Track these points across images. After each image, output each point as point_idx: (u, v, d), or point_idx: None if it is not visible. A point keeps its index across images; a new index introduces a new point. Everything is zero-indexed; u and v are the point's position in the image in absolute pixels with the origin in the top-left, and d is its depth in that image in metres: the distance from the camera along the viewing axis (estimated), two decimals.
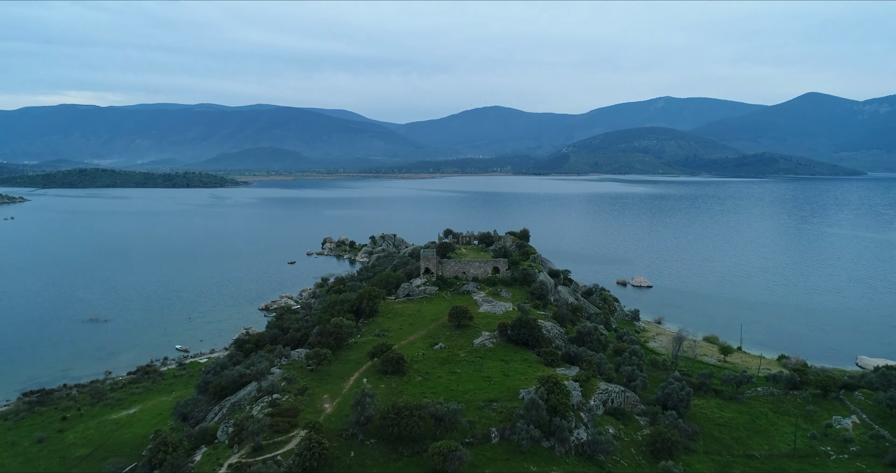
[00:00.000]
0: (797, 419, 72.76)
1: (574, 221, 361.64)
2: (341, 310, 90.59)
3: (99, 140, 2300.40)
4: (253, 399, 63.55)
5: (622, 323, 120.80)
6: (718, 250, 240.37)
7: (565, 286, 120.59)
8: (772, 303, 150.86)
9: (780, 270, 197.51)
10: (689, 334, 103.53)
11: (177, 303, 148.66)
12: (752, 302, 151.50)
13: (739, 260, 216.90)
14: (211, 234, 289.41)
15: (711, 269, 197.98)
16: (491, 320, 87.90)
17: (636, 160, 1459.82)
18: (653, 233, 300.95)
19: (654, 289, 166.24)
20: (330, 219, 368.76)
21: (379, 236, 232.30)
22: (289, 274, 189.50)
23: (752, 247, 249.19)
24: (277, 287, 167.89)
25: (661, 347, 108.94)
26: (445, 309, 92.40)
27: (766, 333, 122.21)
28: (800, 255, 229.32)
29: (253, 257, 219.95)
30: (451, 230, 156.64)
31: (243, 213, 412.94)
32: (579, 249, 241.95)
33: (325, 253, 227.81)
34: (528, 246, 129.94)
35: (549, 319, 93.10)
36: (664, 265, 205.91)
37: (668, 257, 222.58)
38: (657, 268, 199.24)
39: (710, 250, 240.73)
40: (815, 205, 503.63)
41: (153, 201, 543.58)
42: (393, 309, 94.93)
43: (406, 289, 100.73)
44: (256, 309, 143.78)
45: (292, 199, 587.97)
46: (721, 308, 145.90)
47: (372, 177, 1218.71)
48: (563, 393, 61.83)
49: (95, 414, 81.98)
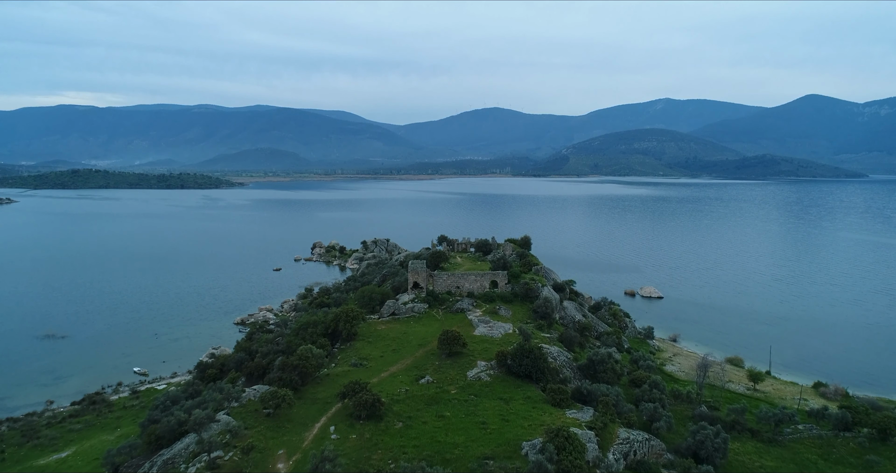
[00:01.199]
0: (857, 471, 60.57)
1: (576, 225, 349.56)
2: (314, 334, 78.28)
3: (97, 141, 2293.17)
4: (190, 455, 51.18)
5: (635, 341, 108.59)
6: (728, 256, 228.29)
7: (571, 300, 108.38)
8: (792, 318, 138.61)
9: (795, 279, 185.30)
10: (714, 359, 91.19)
11: (146, 316, 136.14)
12: (771, 316, 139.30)
13: (751, 267, 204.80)
14: (197, 238, 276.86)
15: (723, 278, 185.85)
16: (488, 345, 75.70)
17: (636, 162, 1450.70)
18: (658, 237, 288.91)
19: (665, 301, 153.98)
20: (323, 222, 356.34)
21: (371, 241, 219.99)
22: (272, 282, 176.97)
23: (764, 254, 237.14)
24: (258, 297, 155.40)
25: (681, 371, 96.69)
26: (436, 331, 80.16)
27: (794, 354, 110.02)
28: (814, 262, 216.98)
29: (237, 263, 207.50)
30: (446, 236, 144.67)
31: (234, 216, 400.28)
32: (583, 255, 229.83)
33: (315, 259, 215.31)
34: (530, 256, 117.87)
35: (554, 342, 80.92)
36: (673, 273, 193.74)
37: (676, 264, 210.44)
38: (666, 277, 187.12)
39: (720, 256, 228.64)
40: (822, 208, 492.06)
41: (144, 203, 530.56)
42: (375, 332, 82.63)
43: (391, 307, 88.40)
44: (231, 324, 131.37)
45: (286, 201, 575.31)
46: (740, 322, 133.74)
47: (370, 179, 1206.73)
48: (576, 448, 49.53)
49: (21, 459, 69.44)
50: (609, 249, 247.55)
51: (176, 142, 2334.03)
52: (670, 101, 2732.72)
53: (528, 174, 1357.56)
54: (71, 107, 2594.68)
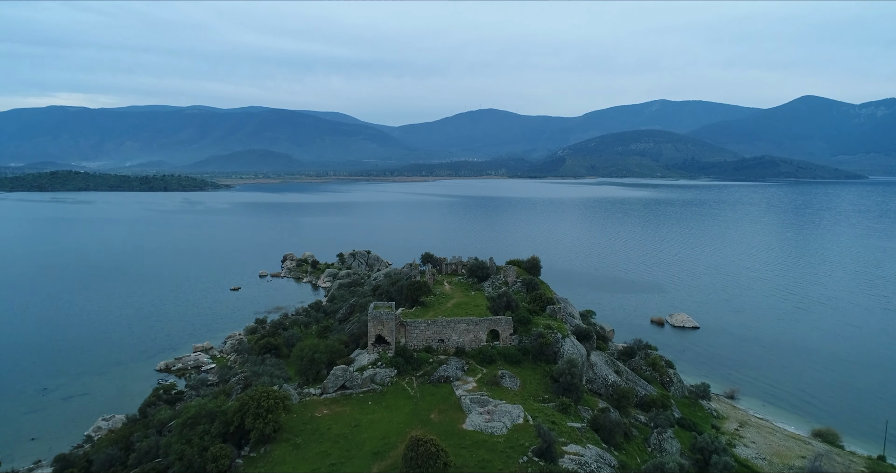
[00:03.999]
0: None
1: (578, 230, 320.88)
2: (208, 435, 48.85)
3: (88, 142, 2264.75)
4: None
5: (685, 405, 79.72)
6: (757, 271, 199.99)
7: (600, 350, 79.41)
8: (866, 363, 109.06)
9: (845, 303, 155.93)
10: (831, 455, 62.10)
11: (44, 358, 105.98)
12: (834, 358, 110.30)
13: (788, 285, 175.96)
14: (154, 248, 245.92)
15: (760, 300, 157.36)
16: (486, 455, 46.68)
17: (633, 163, 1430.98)
18: (672, 245, 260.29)
19: (701, 332, 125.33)
20: (302, 228, 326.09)
21: (349, 254, 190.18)
22: (225, 307, 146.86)
23: (796, 268, 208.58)
24: (200, 329, 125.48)
25: (761, 458, 67.73)
26: (405, 423, 51.43)
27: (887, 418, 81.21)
28: (863, 281, 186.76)
29: (190, 280, 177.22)
30: (432, 255, 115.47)
31: (208, 221, 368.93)
32: (591, 267, 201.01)
33: (283, 275, 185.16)
34: (541, 286, 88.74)
35: (588, 440, 51.99)
36: (700, 291, 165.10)
37: (700, 280, 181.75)
38: (693, 296, 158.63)
39: (746, 269, 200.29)
40: (835, 211, 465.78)
41: (118, 206, 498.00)
42: (310, 424, 53.22)
43: (341, 378, 58.78)
44: (153, 370, 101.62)
45: (270, 204, 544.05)
46: (803, 366, 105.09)
47: (362, 181, 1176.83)
48: None
49: None
50: (619, 259, 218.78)
51: (168, 143, 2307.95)
52: (666, 103, 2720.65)
53: (523, 176, 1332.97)
54: (62, 108, 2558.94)
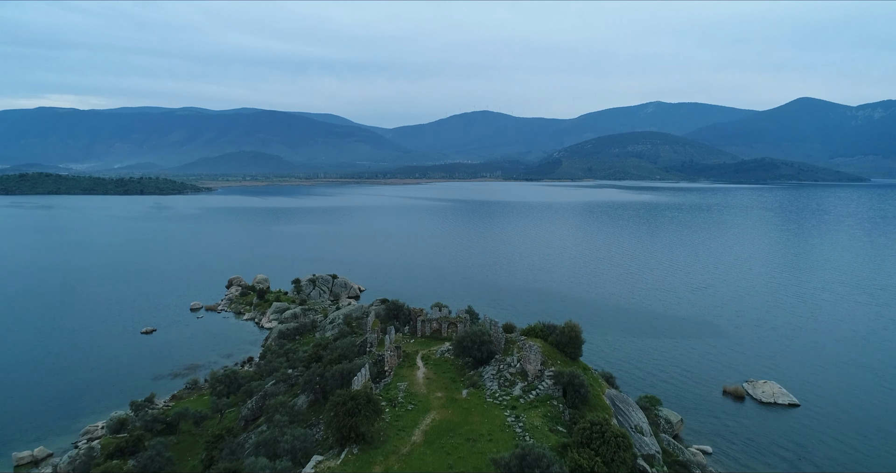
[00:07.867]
0: None
1: (586, 241, 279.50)
2: None
3: (77, 144, 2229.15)
4: None
5: None
6: (829, 303, 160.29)
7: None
8: None
9: None
10: None
11: None
12: None
13: (880, 329, 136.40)
14: (79, 268, 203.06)
15: (856, 352, 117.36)
16: None
17: (631, 165, 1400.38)
18: (707, 261, 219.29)
19: (802, 412, 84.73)
20: (269, 240, 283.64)
21: (307, 280, 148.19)
22: (115, 367, 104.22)
23: (876, 299, 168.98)
24: (52, 415, 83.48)
25: None
26: None
27: None
28: None
29: (95, 318, 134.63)
30: (403, 304, 74.24)
31: (165, 230, 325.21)
32: (615, 297, 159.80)
33: (220, 308, 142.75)
34: (593, 384, 47.47)
35: None
36: (780, 335, 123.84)
37: (776, 316, 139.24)
38: (770, 342, 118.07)
39: (813, 301, 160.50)
40: (859, 217, 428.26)
41: (77, 212, 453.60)
42: None
43: None
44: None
45: (247, 209, 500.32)
46: None
47: (353, 183, 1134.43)
48: None
49: None
50: (646, 284, 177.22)
51: (159, 144, 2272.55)
52: (661, 105, 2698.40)
53: (519, 178, 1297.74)
54: (52, 109, 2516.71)
